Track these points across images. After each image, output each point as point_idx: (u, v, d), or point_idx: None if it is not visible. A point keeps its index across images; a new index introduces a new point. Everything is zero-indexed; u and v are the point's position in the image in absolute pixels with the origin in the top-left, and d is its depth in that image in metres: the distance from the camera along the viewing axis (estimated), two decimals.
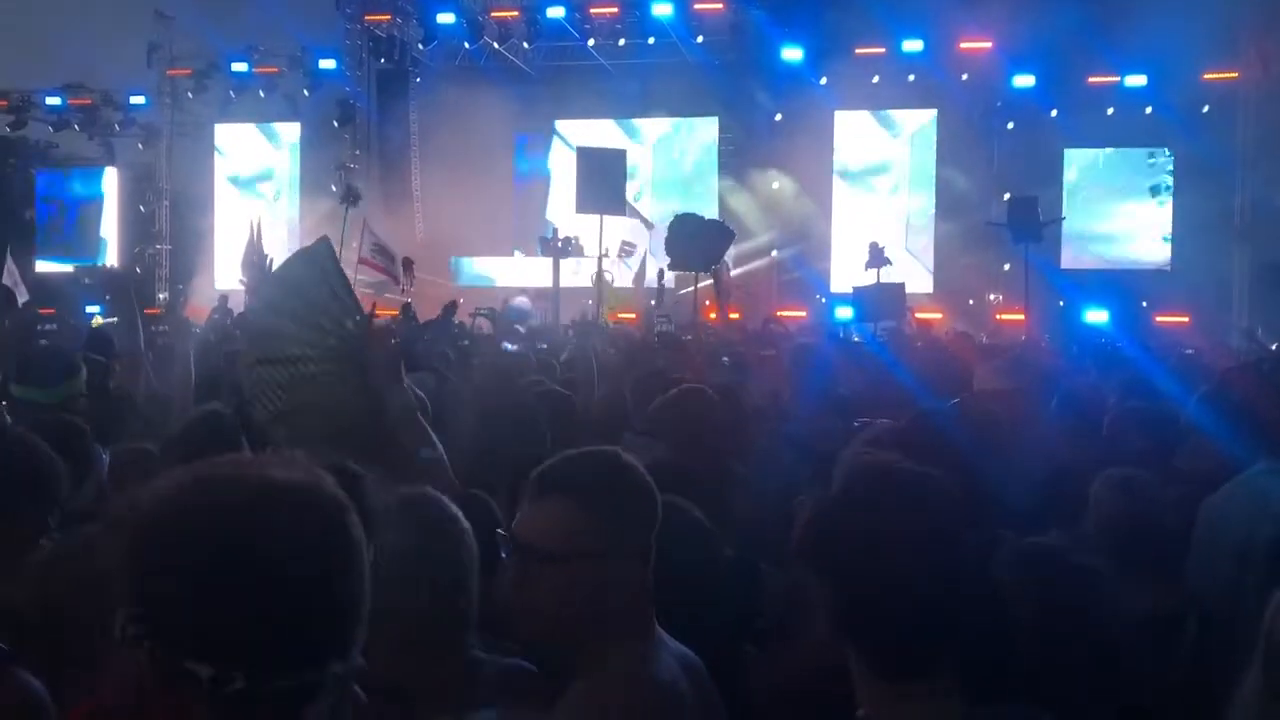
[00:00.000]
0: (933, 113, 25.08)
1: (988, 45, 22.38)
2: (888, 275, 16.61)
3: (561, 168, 27.69)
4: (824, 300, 22.03)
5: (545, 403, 4.37)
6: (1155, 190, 23.90)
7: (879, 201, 25.46)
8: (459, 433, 3.64)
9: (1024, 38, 21.64)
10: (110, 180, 27.76)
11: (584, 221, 25.38)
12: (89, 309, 19.15)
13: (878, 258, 16.77)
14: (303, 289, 3.08)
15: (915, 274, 23.62)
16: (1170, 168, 23.63)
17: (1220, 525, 3.39)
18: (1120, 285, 19.91)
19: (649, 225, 24.82)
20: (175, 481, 1.24)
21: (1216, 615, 2.98)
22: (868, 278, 16.14)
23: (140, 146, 27.15)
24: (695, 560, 2.33)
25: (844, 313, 15.65)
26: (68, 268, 24.36)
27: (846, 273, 23.53)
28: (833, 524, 1.72)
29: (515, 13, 23.76)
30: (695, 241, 12.21)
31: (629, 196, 19.89)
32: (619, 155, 15.27)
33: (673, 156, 27.09)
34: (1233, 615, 2.95)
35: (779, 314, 16.52)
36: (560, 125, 27.60)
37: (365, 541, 1.26)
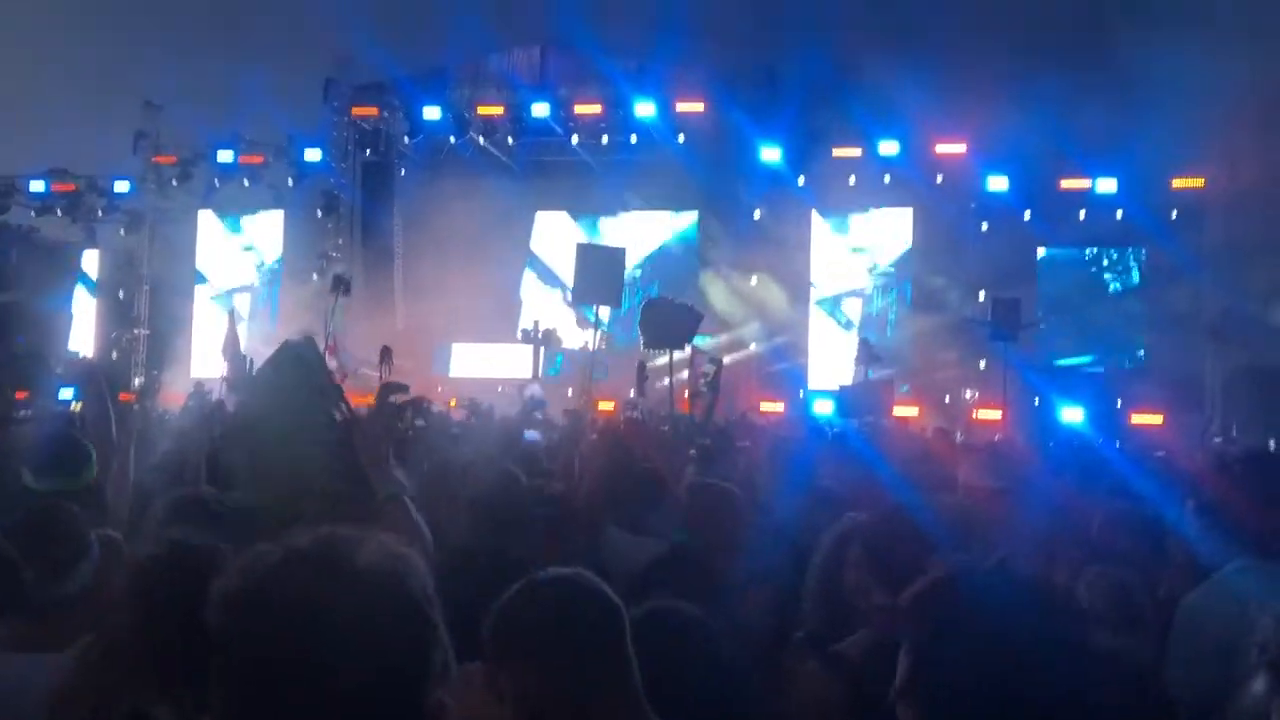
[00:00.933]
0: (909, 212, 25.54)
1: (962, 148, 22.92)
2: (876, 371, 16.75)
3: (543, 258, 28.00)
4: (803, 394, 22.14)
5: (539, 507, 4.35)
6: (1123, 291, 24.33)
7: (856, 299, 25.81)
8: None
9: (998, 141, 22.23)
10: (90, 262, 27.77)
11: (563, 312, 25.65)
12: (62, 393, 18.99)
13: (867, 354, 16.93)
14: (288, 383, 3.15)
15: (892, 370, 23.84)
16: (1136, 271, 24.10)
17: (1200, 625, 3.39)
18: (1095, 384, 20.13)
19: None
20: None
21: (1199, 716, 2.96)
22: (857, 374, 16.28)
23: (123, 232, 27.19)
24: (694, 664, 2.32)
25: (823, 407, 15.72)
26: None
27: (825, 367, 23.74)
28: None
29: (501, 109, 24.18)
30: (667, 322, 12.36)
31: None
32: (618, 253, 15.55)
33: (653, 250, 27.40)
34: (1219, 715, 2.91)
35: (759, 408, 16.56)
36: (541, 217, 27.98)
37: None
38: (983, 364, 21.95)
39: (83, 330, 27.44)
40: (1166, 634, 3.35)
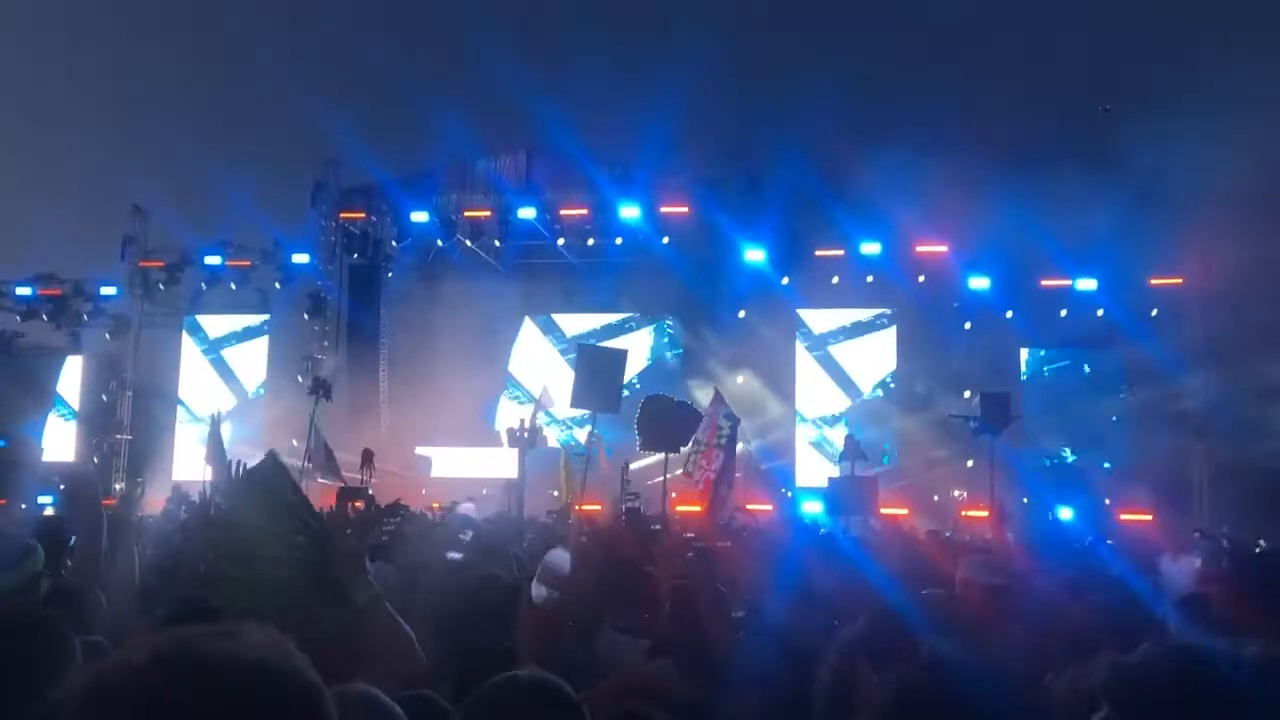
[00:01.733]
0: (891, 312, 25.78)
1: (943, 249, 23.25)
2: (860, 469, 16.69)
3: (526, 361, 28.05)
4: (790, 494, 22.02)
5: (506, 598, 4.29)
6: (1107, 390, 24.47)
7: (840, 398, 25.89)
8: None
9: (979, 241, 22.60)
10: (73, 367, 27.67)
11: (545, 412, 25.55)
12: (40, 499, 18.75)
13: (853, 450, 16.88)
14: (258, 502, 3.19)
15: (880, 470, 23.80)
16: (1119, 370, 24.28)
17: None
18: (1083, 482, 20.09)
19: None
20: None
21: None
22: (843, 469, 16.21)
23: (108, 336, 27.17)
24: None
25: (812, 506, 15.61)
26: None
27: (812, 468, 23.66)
28: None
29: (488, 212, 24.48)
30: (665, 423, 12.24)
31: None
32: (619, 355, 15.53)
33: (638, 352, 27.50)
34: None
35: (747, 507, 16.43)
36: (526, 324, 28.16)
37: None
38: (970, 463, 21.91)
39: (65, 434, 27.29)
40: None
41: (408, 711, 2.30)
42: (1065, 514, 15.65)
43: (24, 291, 26.24)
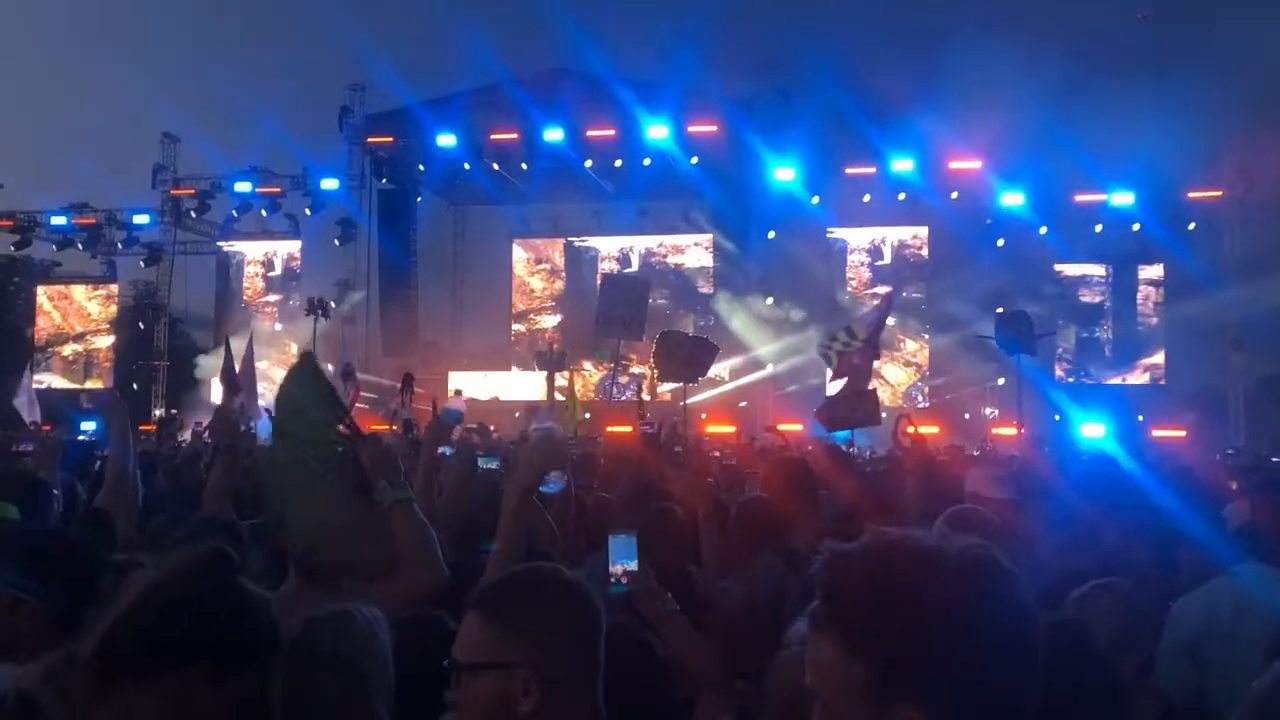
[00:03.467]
0: (924, 229, 25.51)
1: (977, 164, 22.85)
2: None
3: (549, 282, 28.08)
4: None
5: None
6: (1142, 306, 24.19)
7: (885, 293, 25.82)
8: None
9: (1013, 157, 22.19)
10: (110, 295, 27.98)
11: (574, 336, 25.63)
12: (83, 425, 19.13)
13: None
14: (295, 402, 3.24)
15: (911, 388, 23.85)
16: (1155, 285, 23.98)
17: (1175, 626, 3.48)
18: (1115, 399, 19.97)
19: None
20: None
21: (1182, 710, 3.02)
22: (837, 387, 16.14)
23: (142, 264, 27.46)
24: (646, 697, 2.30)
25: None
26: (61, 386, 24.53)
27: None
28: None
29: (514, 135, 24.26)
30: (683, 355, 12.26)
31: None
32: (643, 284, 15.51)
33: (668, 274, 27.44)
34: (1195, 710, 3.08)
35: (777, 428, 16.48)
36: (561, 241, 28.14)
37: None
38: (1001, 381, 21.82)
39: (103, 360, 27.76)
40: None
41: (414, 631, 2.35)
42: (1097, 431, 15.54)
43: (59, 221, 26.48)
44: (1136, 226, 22.99)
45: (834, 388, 14.01)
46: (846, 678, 1.24)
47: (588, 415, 19.57)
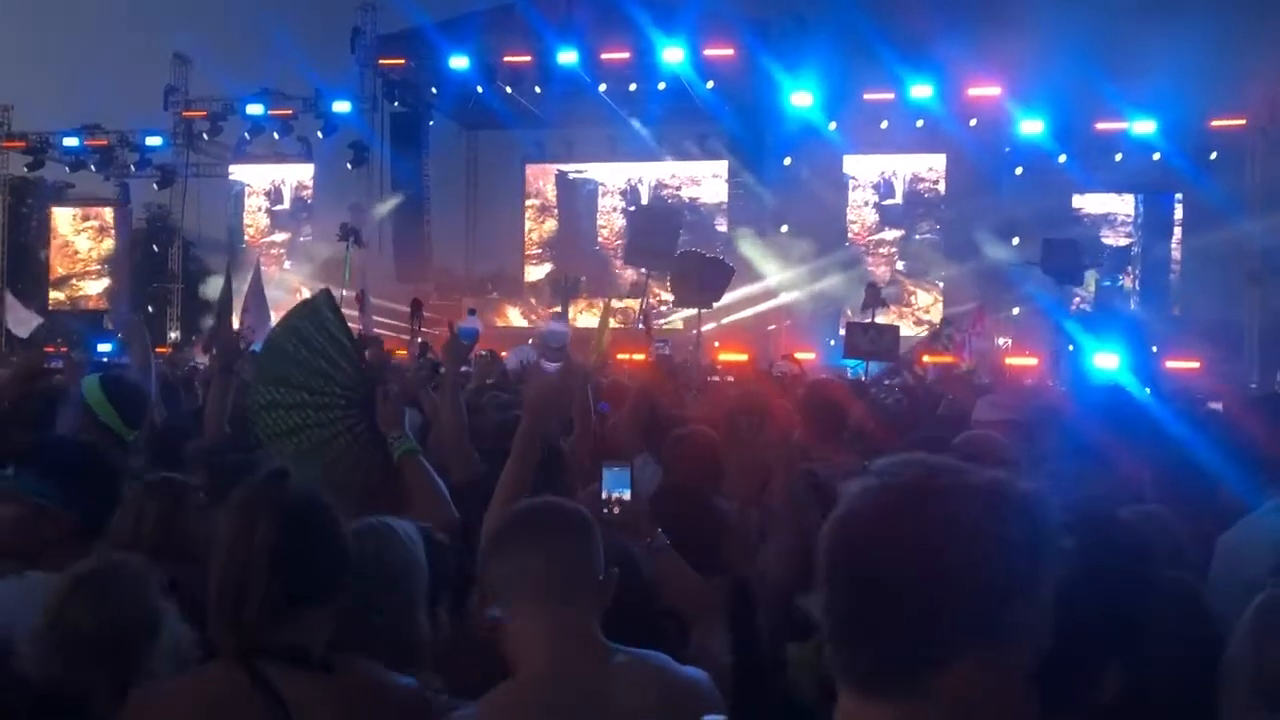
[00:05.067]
0: (942, 157, 25.24)
1: (996, 91, 22.52)
2: (882, 317, 16.59)
3: (574, 205, 27.95)
4: (834, 343, 22.00)
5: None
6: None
7: (887, 245, 25.65)
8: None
9: (1032, 84, 21.85)
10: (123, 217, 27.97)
11: (589, 265, 25.58)
12: (100, 347, 19.26)
13: (874, 299, 16.76)
14: (306, 337, 3.25)
15: (925, 317, 23.83)
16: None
17: (1235, 561, 3.40)
18: (1130, 329, 19.87)
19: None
20: None
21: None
22: (864, 319, 16.11)
23: (155, 187, 27.42)
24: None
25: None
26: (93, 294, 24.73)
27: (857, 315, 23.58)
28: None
29: (528, 58, 23.95)
30: (700, 277, 12.23)
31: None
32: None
33: (682, 209, 27.28)
34: None
35: (794, 355, 16.51)
36: (573, 168, 27.93)
37: None
38: (1016, 310, 21.76)
39: (119, 283, 27.88)
40: (1205, 570, 3.37)
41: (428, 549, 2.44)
42: (1111, 361, 15.51)
43: (70, 142, 26.38)
44: (1157, 156, 22.70)
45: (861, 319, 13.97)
46: None
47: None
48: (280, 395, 3.22)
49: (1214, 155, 22.60)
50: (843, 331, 22.46)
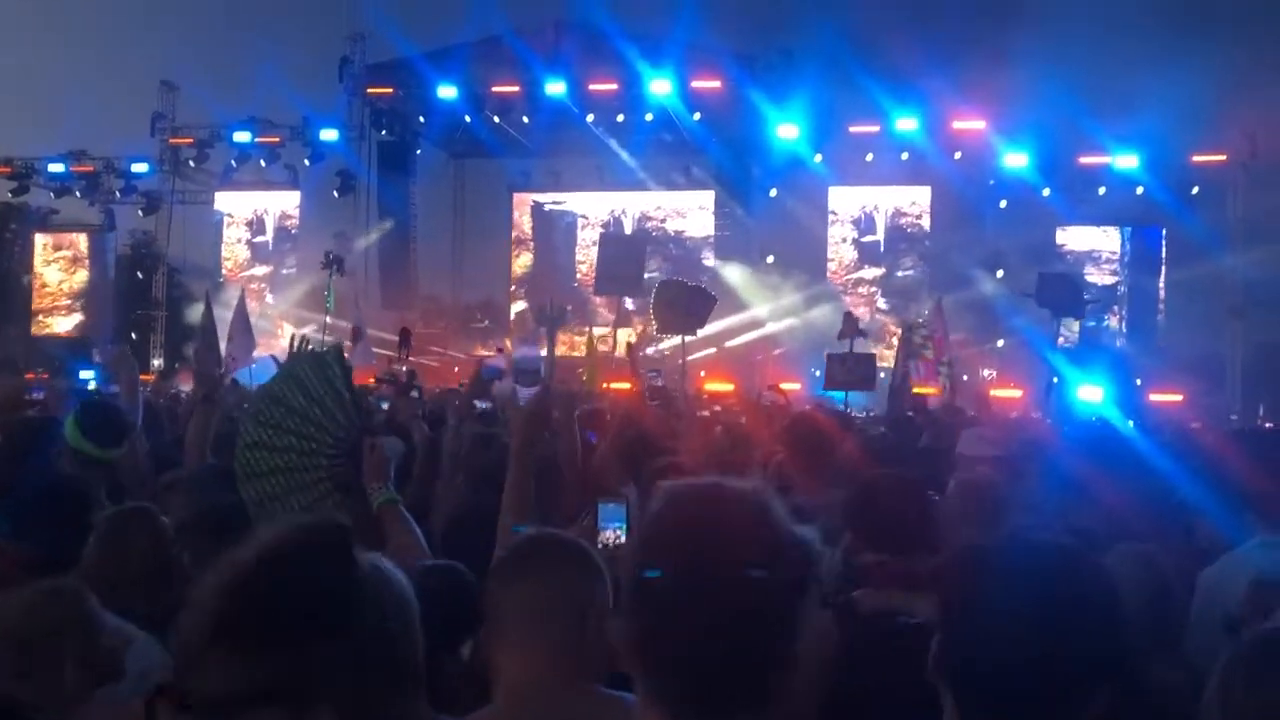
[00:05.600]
0: (926, 190, 25.40)
1: (981, 125, 22.72)
2: (860, 347, 16.64)
3: (550, 238, 28.00)
4: (819, 374, 22.03)
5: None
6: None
7: (867, 284, 25.79)
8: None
9: (1016, 118, 22.06)
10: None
11: (576, 293, 25.62)
12: (82, 374, 19.15)
13: (852, 327, 16.82)
14: (305, 385, 3.30)
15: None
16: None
17: (1217, 597, 3.40)
18: (1114, 362, 19.95)
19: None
20: None
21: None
22: (842, 348, 16.17)
23: (140, 214, 27.33)
24: None
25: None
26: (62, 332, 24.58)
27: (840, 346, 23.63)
28: None
29: (516, 88, 24.06)
30: (682, 305, 12.23)
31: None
32: (640, 240, 15.48)
33: (667, 241, 27.38)
34: None
35: (779, 386, 16.53)
36: (556, 198, 28.02)
37: None
38: (1000, 342, 21.85)
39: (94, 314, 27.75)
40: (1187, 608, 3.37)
41: (433, 580, 2.44)
42: (1095, 394, 15.56)
43: (56, 168, 26.32)
44: (1140, 190, 22.90)
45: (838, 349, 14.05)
46: None
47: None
48: (268, 437, 3.27)
49: (1196, 190, 22.81)
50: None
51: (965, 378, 22.76)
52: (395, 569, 2.37)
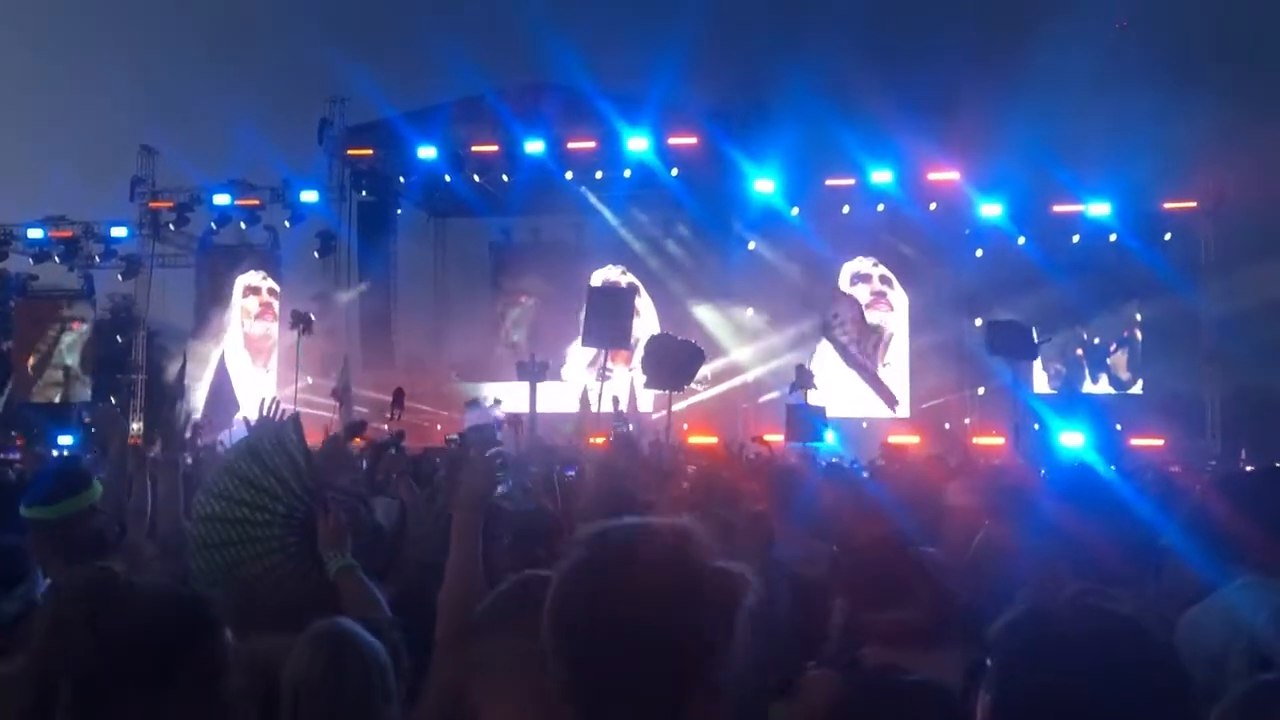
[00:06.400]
0: (903, 242, 25.59)
1: (955, 176, 23.02)
2: (813, 398, 16.75)
3: (538, 296, 28.03)
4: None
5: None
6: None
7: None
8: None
9: (990, 168, 22.37)
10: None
11: (558, 348, 25.62)
12: (60, 439, 19.03)
13: (805, 380, 16.98)
14: (260, 455, 3.29)
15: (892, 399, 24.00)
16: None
17: (1196, 638, 3.41)
18: (1095, 408, 20.10)
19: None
20: None
21: None
22: (794, 399, 16.32)
23: (120, 278, 27.24)
24: None
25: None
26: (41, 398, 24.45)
27: (821, 397, 23.68)
28: None
29: (495, 147, 24.26)
30: (670, 360, 12.25)
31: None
32: (628, 294, 15.52)
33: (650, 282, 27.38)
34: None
35: (763, 438, 16.56)
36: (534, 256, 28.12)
37: None
38: (981, 390, 21.95)
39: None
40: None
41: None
42: (1076, 440, 15.65)
43: (35, 234, 26.28)
44: (1113, 237, 23.19)
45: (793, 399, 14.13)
46: None
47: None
48: (220, 509, 3.25)
49: (1168, 236, 23.12)
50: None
51: (947, 425, 22.89)
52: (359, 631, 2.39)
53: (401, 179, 26.13)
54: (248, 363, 26.11)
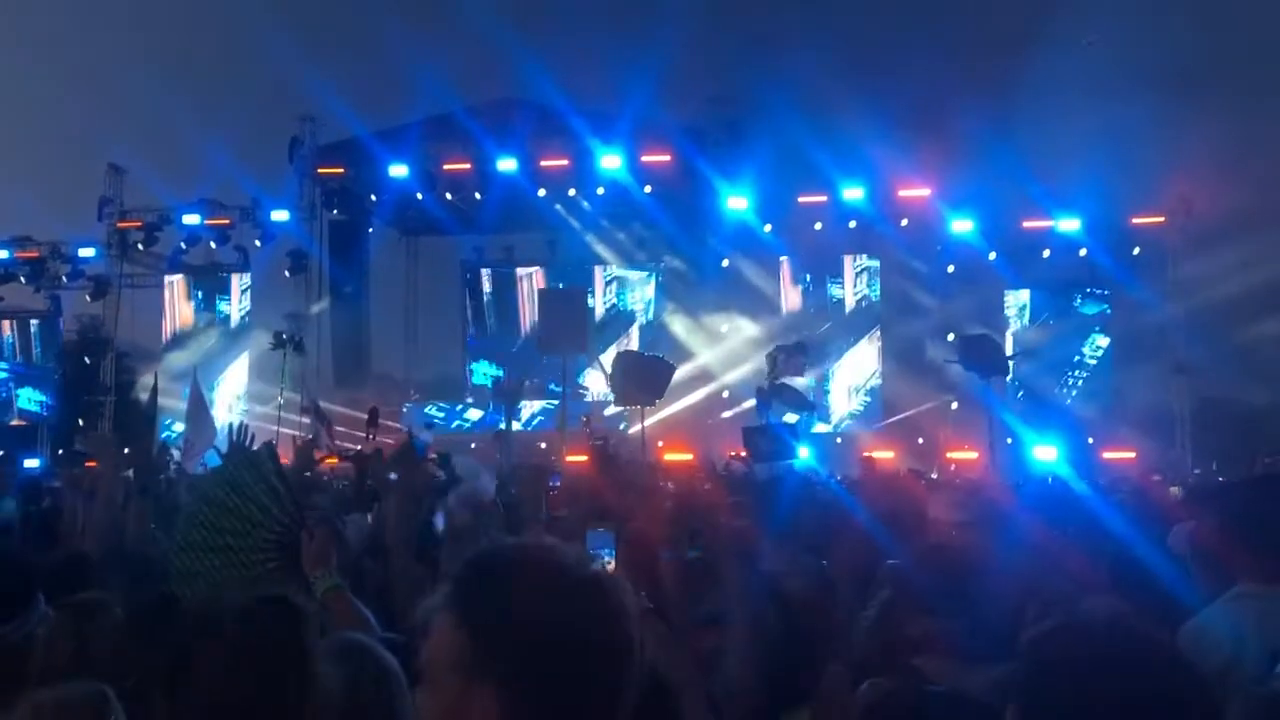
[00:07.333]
0: (873, 259, 25.73)
1: (926, 192, 23.19)
2: (777, 414, 16.80)
3: (511, 312, 27.97)
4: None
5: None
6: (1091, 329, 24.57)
7: (825, 343, 25.91)
8: None
9: (961, 184, 22.56)
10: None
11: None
12: (26, 462, 18.74)
13: (794, 365, 17.04)
14: (239, 485, 3.31)
15: (864, 414, 24.08)
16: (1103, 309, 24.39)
17: (1198, 646, 3.41)
18: (1067, 421, 20.23)
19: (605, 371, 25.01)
20: None
21: None
22: (759, 418, 16.36)
23: (88, 298, 26.92)
24: None
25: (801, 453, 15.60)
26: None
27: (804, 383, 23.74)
28: None
29: (467, 165, 24.19)
30: (640, 376, 12.26)
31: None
32: (580, 294, 15.43)
33: (624, 302, 27.39)
34: None
35: (741, 454, 16.55)
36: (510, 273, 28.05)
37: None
38: (954, 404, 22.05)
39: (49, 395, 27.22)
40: None
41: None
42: (1049, 454, 15.72)
43: (0, 254, 25.95)
44: (1083, 252, 23.42)
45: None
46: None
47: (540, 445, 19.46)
48: (202, 538, 3.25)
49: (1137, 251, 23.37)
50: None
51: (921, 440, 22.95)
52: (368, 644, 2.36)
53: (373, 197, 26.01)
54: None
